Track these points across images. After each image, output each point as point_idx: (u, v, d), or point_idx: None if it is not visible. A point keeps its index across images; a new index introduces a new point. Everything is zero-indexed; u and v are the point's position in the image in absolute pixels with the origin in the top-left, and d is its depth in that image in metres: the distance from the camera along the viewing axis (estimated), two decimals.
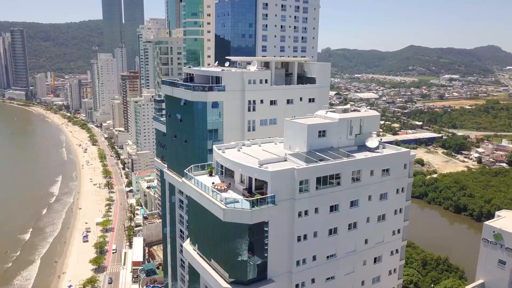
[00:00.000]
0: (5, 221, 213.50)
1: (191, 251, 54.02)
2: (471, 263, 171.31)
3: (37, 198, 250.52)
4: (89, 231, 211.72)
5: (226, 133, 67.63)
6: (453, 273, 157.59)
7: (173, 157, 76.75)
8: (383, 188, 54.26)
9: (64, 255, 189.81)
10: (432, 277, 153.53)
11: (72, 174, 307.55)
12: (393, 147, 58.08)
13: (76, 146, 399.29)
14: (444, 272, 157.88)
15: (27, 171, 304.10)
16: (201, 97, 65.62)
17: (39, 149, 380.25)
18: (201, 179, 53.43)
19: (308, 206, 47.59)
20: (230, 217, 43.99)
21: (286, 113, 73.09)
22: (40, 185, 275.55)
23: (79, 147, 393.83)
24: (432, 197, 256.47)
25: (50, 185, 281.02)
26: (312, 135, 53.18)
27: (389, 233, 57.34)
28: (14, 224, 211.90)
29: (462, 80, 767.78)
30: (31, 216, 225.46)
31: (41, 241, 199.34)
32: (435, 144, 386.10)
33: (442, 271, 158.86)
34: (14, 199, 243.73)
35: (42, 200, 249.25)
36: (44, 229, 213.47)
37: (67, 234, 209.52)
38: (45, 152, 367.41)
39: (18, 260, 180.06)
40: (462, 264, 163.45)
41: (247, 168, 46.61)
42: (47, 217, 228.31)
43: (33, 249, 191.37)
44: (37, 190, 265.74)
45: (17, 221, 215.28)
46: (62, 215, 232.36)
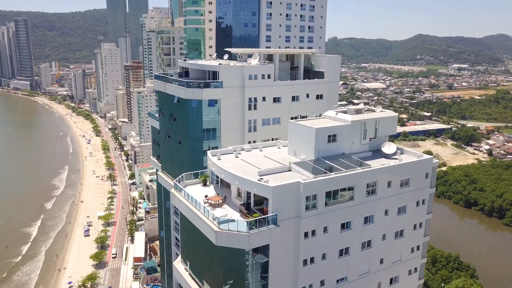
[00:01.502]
0: (8, 214, 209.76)
1: (182, 271, 47.70)
2: (483, 261, 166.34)
3: (40, 191, 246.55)
4: (91, 225, 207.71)
5: (224, 134, 60.87)
6: (464, 271, 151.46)
7: (167, 159, 70.22)
8: (401, 200, 47.43)
9: (65, 250, 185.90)
10: (442, 276, 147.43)
11: (75, 166, 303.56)
12: (412, 153, 51.06)
13: (79, 137, 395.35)
14: (454, 271, 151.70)
15: (31, 163, 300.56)
16: (195, 94, 58.68)
17: (43, 140, 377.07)
18: (193, 190, 46.89)
19: (316, 225, 40.92)
20: (224, 241, 37.45)
21: (291, 112, 66.29)
22: (43, 177, 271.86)
23: (83, 138, 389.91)
24: (441, 191, 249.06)
25: (53, 177, 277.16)
26: (321, 140, 46.32)
27: (407, 251, 50.60)
28: (16, 217, 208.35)
29: (471, 69, 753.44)
30: (34, 209, 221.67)
31: (43, 236, 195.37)
32: (444, 136, 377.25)
33: (453, 269, 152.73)
34: (17, 192, 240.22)
35: (45, 193, 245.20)
36: (46, 223, 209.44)
37: (68, 228, 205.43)
38: (49, 144, 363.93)
39: (19, 254, 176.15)
40: (474, 262, 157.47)
41: (245, 181, 39.91)
42: (49, 211, 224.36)
43: (35, 244, 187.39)
44: (41, 182, 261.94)
45: (20, 215, 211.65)
46: (64, 209, 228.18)
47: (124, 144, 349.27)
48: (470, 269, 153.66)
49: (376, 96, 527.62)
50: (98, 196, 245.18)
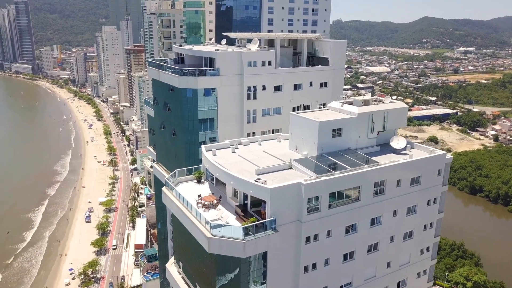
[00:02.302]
0: (10, 200, 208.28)
1: (175, 274, 44.62)
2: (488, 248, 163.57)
3: (42, 176, 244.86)
4: (92, 211, 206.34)
5: (221, 126, 57.12)
6: (468, 259, 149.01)
7: (162, 151, 66.65)
8: (411, 200, 43.83)
9: (66, 236, 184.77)
10: (446, 264, 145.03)
11: (77, 151, 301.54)
12: (424, 148, 47.24)
13: (81, 122, 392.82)
14: (459, 259, 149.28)
15: (33, 148, 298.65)
16: (190, 83, 54.70)
17: (45, 125, 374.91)
18: (186, 188, 43.47)
19: (319, 229, 37.45)
20: (217, 248, 34.07)
21: (293, 101, 62.34)
22: (45, 163, 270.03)
23: (84, 123, 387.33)
24: None
25: (55, 162, 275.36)
26: (325, 135, 42.54)
27: (416, 253, 47.21)
28: (19, 203, 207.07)
29: (478, 53, 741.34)
30: (36, 195, 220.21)
31: (45, 222, 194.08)
32: (450, 121, 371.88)
33: (457, 258, 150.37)
34: (19, 177, 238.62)
35: (48, 179, 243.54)
36: (48, 209, 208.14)
37: (69, 214, 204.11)
38: (51, 128, 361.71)
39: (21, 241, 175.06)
40: (478, 250, 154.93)
41: (241, 181, 36.32)
42: (52, 197, 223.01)
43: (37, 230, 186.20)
44: (43, 167, 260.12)
45: (22, 201, 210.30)
46: (67, 195, 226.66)
47: (125, 129, 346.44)
48: (474, 257, 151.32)
49: (381, 80, 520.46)
50: (99, 182, 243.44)
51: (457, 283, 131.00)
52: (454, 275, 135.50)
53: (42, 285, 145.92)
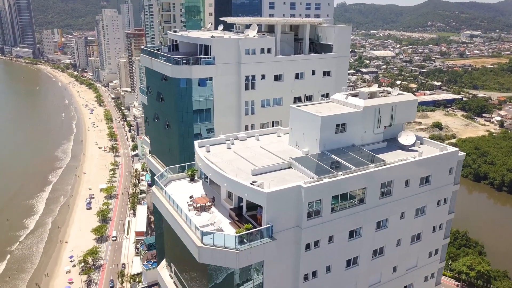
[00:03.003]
0: (12, 186, 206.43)
1: (166, 277, 41.88)
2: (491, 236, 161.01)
3: (44, 163, 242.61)
4: (93, 198, 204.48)
5: (217, 118, 53.80)
6: (472, 247, 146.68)
7: (156, 142, 63.50)
8: (420, 201, 40.64)
9: (66, 223, 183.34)
10: (450, 253, 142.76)
11: (78, 137, 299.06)
12: (434, 144, 43.87)
13: (82, 107, 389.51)
14: (462, 248, 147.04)
15: (35, 134, 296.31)
16: (183, 72, 51.10)
17: (46, 111, 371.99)
18: (178, 187, 40.40)
19: (320, 235, 34.39)
20: (208, 258, 31.07)
21: (294, 91, 58.79)
22: (47, 149, 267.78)
23: (85, 108, 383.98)
24: None
25: (57, 148, 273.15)
26: (328, 131, 39.16)
27: (424, 256, 44.24)
28: (20, 190, 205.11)
29: (484, 36, 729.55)
30: (38, 181, 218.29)
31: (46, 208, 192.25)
32: (454, 106, 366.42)
33: (460, 246, 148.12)
34: (21, 164, 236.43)
35: (49, 165, 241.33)
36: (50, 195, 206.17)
37: (70, 201, 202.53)
38: (52, 114, 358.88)
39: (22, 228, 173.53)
40: (482, 238, 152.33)
41: (235, 184, 33.13)
42: (53, 183, 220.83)
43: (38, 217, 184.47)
44: (45, 153, 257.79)
45: (24, 187, 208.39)
46: (68, 181, 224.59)
47: (127, 115, 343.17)
48: (478, 245, 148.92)
49: (385, 64, 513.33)
50: (100, 168, 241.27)
51: (460, 272, 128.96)
52: (457, 264, 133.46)
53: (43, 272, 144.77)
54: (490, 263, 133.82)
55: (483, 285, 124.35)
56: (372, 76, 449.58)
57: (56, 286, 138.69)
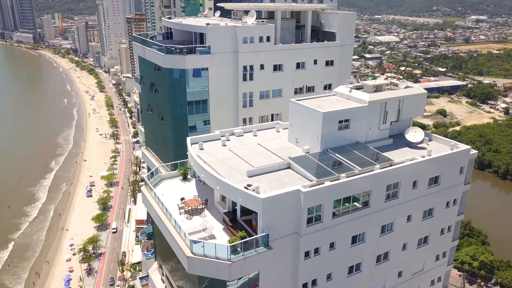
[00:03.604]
0: (13, 173, 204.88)
1: (158, 281, 39.59)
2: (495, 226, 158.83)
3: (46, 150, 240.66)
4: (93, 185, 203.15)
5: (213, 111, 50.91)
6: (475, 237, 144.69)
7: (150, 135, 60.78)
8: (428, 203, 37.94)
9: (67, 211, 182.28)
10: None
11: (78, 124, 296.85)
12: (443, 140, 41.00)
13: (83, 93, 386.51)
14: (465, 237, 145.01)
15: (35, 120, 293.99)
16: (177, 62, 48.03)
17: (47, 96, 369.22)
18: (169, 187, 37.83)
19: (321, 241, 31.83)
20: (198, 269, 28.60)
21: (295, 82, 55.72)
22: (49, 136, 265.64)
23: (86, 94, 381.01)
24: None
25: (59, 135, 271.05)
26: (330, 127, 36.28)
27: (431, 259, 41.74)
28: (22, 177, 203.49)
29: (490, 21, 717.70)
30: (40, 169, 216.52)
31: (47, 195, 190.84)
32: (459, 93, 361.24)
33: (463, 236, 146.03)
34: (21, 150, 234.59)
35: (51, 152, 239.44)
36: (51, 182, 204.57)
37: (71, 188, 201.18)
38: (53, 100, 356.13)
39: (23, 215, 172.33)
40: (485, 227, 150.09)
41: (228, 187, 30.45)
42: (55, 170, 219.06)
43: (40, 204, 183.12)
44: (47, 140, 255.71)
45: (25, 174, 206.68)
46: (69, 168, 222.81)
47: (128, 101, 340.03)
48: (481, 235, 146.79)
49: (389, 50, 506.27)
50: (101, 155, 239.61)
51: (463, 262, 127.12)
52: (460, 254, 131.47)
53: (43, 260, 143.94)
54: (494, 252, 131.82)
55: (486, 275, 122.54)
56: (376, 62, 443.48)
57: (56, 274, 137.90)
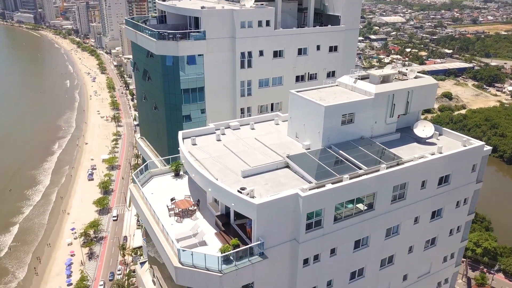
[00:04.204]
0: (15, 156, 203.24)
1: (149, 283, 37.48)
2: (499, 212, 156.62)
3: (48, 133, 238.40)
4: (95, 169, 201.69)
5: (209, 101, 47.95)
6: (479, 223, 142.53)
7: (145, 124, 58.14)
8: (437, 203, 35.30)
9: (68, 195, 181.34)
10: None
11: (80, 106, 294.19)
12: (455, 135, 38.05)
13: (84, 75, 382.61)
14: None
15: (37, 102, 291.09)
16: (169, 49, 44.92)
17: (48, 78, 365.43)
18: (160, 184, 35.32)
19: (321, 248, 29.39)
20: (187, 280, 26.20)
21: (296, 69, 52.59)
22: (49, 118, 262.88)
23: (88, 76, 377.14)
24: None
25: (59, 117, 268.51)
26: (333, 122, 33.45)
27: (438, 261, 39.35)
28: (23, 160, 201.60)
29: (498, 1, 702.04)
30: (42, 152, 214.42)
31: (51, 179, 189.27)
32: (465, 75, 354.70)
33: None
34: (23, 133, 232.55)
35: (52, 135, 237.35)
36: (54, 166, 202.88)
37: (72, 171, 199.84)
38: (54, 82, 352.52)
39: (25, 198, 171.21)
40: (489, 213, 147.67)
41: (220, 190, 27.87)
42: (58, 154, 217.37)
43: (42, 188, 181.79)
44: (49, 123, 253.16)
45: (27, 157, 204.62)
46: (71, 151, 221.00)
47: (129, 83, 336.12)
48: (485, 221, 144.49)
49: (395, 31, 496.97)
50: (102, 138, 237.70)
51: (466, 249, 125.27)
52: None
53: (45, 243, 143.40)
54: (497, 239, 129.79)
55: (489, 262, 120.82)
56: (381, 44, 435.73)
57: (58, 258, 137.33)
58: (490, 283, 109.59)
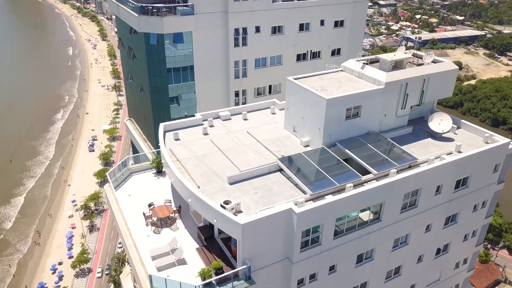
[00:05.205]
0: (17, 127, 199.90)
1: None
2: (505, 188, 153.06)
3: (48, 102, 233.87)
4: (96, 139, 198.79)
5: (198, 84, 43.13)
6: None
7: (132, 106, 53.58)
8: (453, 208, 31.05)
9: (69, 166, 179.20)
10: None
11: (81, 75, 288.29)
12: (474, 129, 33.41)
13: (85, 41, 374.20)
14: None
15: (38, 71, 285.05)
16: (153, 25, 39.72)
17: (48, 45, 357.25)
18: (139, 184, 31.25)
19: (318, 266, 25.45)
20: None
21: (297, 47, 47.37)
22: (51, 87, 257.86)
23: (88, 43, 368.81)
24: (467, 108, 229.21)
25: (61, 86, 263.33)
26: (335, 116, 28.82)
27: (450, 267, 35.52)
28: (26, 131, 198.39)
29: None
30: (44, 122, 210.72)
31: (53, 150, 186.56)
32: (477, 44, 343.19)
33: None
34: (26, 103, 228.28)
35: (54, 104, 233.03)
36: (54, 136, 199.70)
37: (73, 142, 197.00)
38: (54, 49, 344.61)
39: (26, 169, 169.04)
40: None
41: (201, 203, 23.71)
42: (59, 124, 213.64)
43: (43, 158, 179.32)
44: (49, 92, 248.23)
45: (30, 128, 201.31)
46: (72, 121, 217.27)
47: None
48: None
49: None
50: (103, 108, 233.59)
51: None
52: None
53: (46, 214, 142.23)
54: (503, 214, 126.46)
55: (494, 238, 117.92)
56: (390, 10, 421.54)
57: (59, 230, 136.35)
58: (494, 259, 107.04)
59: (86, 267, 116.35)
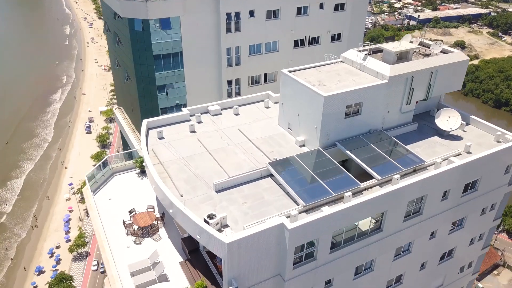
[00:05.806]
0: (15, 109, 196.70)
1: None
2: None
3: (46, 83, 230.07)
4: (92, 121, 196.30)
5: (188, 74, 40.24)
6: None
7: (120, 94, 50.80)
8: (459, 213, 28.73)
9: (66, 148, 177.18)
10: None
11: (77, 54, 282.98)
12: (486, 127, 30.80)
13: (81, 20, 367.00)
14: None
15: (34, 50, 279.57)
16: (137, 10, 36.60)
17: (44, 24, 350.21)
18: (120, 186, 28.89)
19: (313, 282, 23.24)
20: None
21: (294, 32, 44.25)
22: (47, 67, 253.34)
23: (85, 21, 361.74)
24: (470, 88, 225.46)
25: (58, 66, 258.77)
26: (334, 115, 26.16)
27: (454, 272, 33.45)
28: (24, 113, 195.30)
29: None
30: (42, 103, 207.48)
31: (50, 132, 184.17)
32: (481, 22, 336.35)
33: None
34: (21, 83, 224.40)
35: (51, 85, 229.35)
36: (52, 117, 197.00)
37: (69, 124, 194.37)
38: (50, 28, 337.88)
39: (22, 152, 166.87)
40: None
41: (183, 217, 21.30)
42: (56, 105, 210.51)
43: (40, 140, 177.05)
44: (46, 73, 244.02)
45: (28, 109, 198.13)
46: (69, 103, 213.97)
47: None
48: None
49: None
50: (100, 89, 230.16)
51: None
52: None
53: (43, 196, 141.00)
54: None
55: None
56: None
57: (56, 213, 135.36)
58: (493, 243, 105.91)
59: (84, 251, 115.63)
